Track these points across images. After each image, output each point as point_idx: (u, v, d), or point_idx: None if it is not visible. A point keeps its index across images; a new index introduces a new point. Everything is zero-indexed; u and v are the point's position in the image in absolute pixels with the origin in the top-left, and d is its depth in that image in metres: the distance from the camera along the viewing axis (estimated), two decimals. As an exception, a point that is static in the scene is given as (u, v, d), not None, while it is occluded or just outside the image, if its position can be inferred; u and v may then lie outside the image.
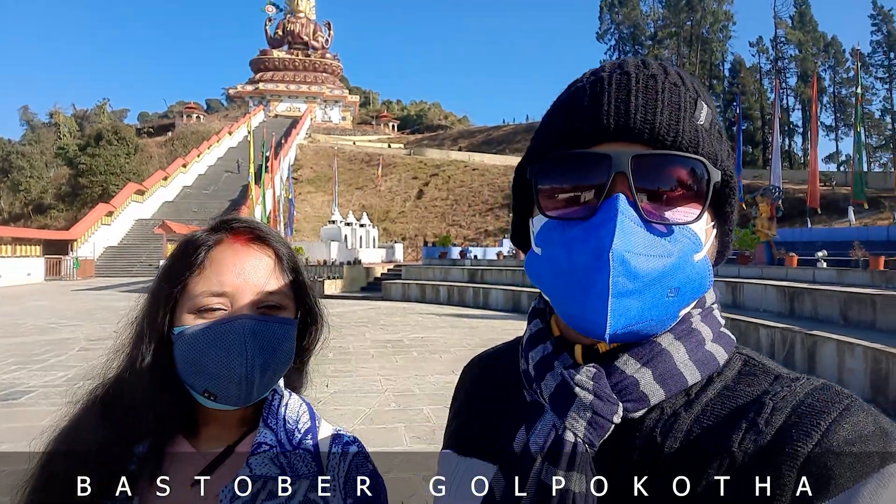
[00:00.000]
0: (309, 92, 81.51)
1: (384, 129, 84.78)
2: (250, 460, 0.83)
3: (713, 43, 60.25)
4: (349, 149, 59.85)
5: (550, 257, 0.58)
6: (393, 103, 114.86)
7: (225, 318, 0.83)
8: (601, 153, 0.56)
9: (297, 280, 0.92)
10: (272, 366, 0.85)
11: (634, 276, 0.52)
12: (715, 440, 0.52)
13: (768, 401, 0.53)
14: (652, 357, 0.56)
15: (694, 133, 0.56)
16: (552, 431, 0.55)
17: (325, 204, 45.27)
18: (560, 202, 0.58)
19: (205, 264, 0.85)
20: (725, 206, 0.61)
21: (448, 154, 56.62)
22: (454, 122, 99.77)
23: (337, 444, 0.92)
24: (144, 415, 0.83)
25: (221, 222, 0.91)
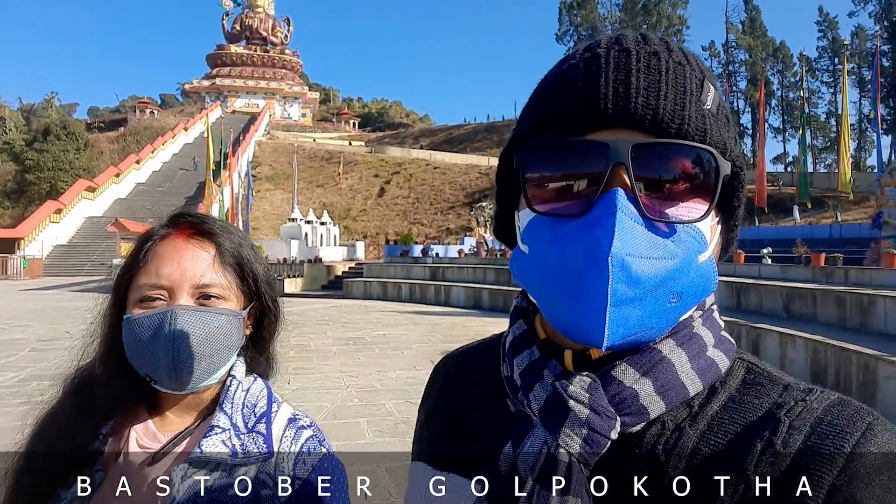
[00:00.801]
0: (268, 88, 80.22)
1: (345, 126, 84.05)
2: (202, 442, 0.88)
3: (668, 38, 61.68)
4: (309, 146, 59.23)
5: (539, 257, 0.53)
6: (354, 101, 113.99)
7: (159, 308, 0.89)
8: (598, 141, 0.50)
9: (244, 272, 0.97)
10: (207, 353, 0.90)
11: (636, 283, 0.47)
12: (727, 461, 0.48)
13: (784, 418, 0.48)
14: (652, 366, 0.51)
15: (701, 119, 0.50)
16: (543, 449, 0.50)
17: (285, 202, 44.73)
18: (550, 195, 0.52)
19: (148, 258, 0.92)
20: (733, 199, 0.56)
21: (409, 152, 56.61)
22: (415, 121, 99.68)
23: (291, 428, 0.96)
24: (103, 397, 0.91)
25: (171, 217, 0.97)
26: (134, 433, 0.91)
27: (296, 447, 0.93)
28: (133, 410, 0.93)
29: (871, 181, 21.85)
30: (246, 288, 0.98)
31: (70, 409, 0.92)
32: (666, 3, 60.47)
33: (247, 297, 0.98)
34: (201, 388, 0.94)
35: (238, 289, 0.96)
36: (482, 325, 13.06)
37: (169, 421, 0.94)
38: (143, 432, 0.92)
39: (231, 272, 0.95)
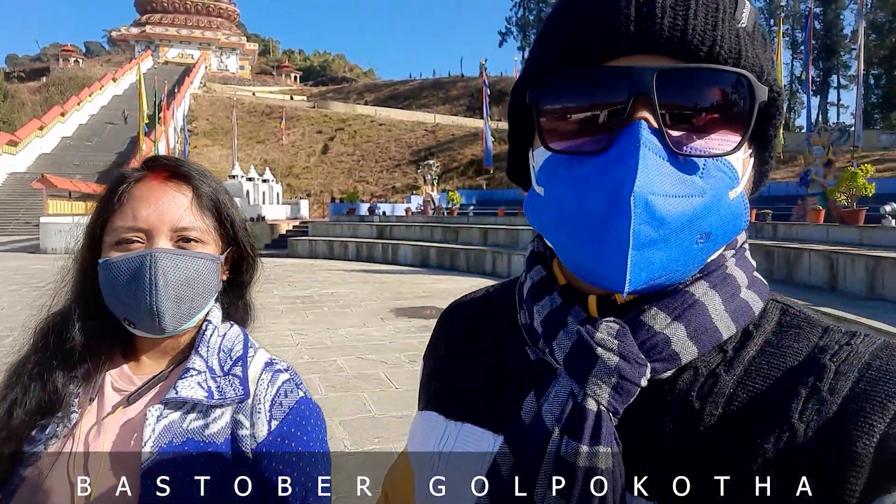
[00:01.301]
0: (202, 38, 76.54)
1: (286, 80, 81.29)
2: (177, 383, 0.88)
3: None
4: (249, 100, 57.15)
5: (556, 199, 0.49)
6: (295, 53, 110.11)
7: (138, 251, 0.89)
8: (618, 68, 0.46)
9: (222, 216, 0.96)
10: (187, 297, 0.90)
11: (660, 223, 0.43)
12: (767, 408, 0.45)
13: (829, 363, 0.45)
14: (685, 310, 0.48)
15: (735, 39, 0.45)
16: (570, 399, 0.47)
17: (224, 158, 43.20)
18: (567, 132, 0.48)
19: (123, 200, 0.91)
20: (769, 128, 0.51)
21: (354, 108, 55.38)
22: (359, 75, 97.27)
23: (268, 371, 0.96)
24: (76, 340, 0.90)
25: (146, 161, 0.96)
26: (109, 377, 0.92)
27: (272, 390, 0.94)
28: (108, 355, 0.93)
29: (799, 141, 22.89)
30: (223, 232, 0.97)
31: (42, 353, 0.91)
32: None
33: (224, 242, 0.98)
34: (179, 333, 0.94)
35: (216, 233, 0.96)
36: (431, 283, 13.17)
37: (144, 365, 0.95)
38: (118, 376, 0.92)
39: (209, 216, 0.95)
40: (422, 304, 10.17)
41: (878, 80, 42.29)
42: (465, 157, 42.06)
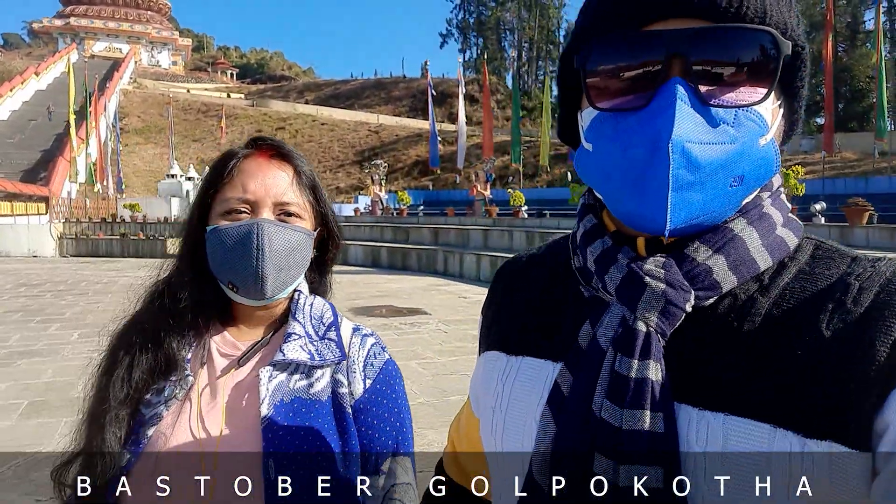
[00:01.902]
0: (132, 31, 73.50)
1: (221, 77, 79.11)
2: (283, 346, 0.95)
3: (550, 9, 63.36)
4: (183, 97, 55.27)
5: (603, 152, 0.54)
6: (231, 49, 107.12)
7: (246, 220, 0.95)
8: (654, 32, 0.51)
9: (316, 196, 1.03)
10: (285, 266, 0.97)
11: (696, 167, 0.48)
12: (798, 322, 0.49)
13: (853, 281, 0.50)
14: (725, 243, 0.53)
15: (760, 0, 0.50)
16: (622, 323, 0.53)
17: (157, 157, 41.79)
18: (611, 92, 0.54)
19: (233, 174, 0.98)
20: (795, 80, 0.55)
21: (294, 107, 54.48)
22: (299, 74, 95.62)
23: (357, 335, 1.05)
24: (190, 303, 0.97)
25: (252, 140, 1.03)
26: (213, 343, 0.98)
27: (363, 352, 1.02)
28: (210, 323, 1.00)
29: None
30: (317, 211, 1.04)
31: (154, 315, 0.97)
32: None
33: (317, 220, 1.05)
34: (274, 302, 1.01)
35: (312, 210, 1.03)
36: (385, 282, 13.20)
37: (244, 332, 1.02)
38: (222, 342, 0.99)
39: (307, 194, 1.02)
40: (378, 303, 10.23)
41: (797, 88, 44.96)
42: (409, 158, 42.15)
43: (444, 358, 6.46)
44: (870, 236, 9.05)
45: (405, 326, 8.27)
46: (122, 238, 22.52)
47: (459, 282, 13.78)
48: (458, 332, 8.04)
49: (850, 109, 41.74)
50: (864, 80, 40.74)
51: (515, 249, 14.71)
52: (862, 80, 40.99)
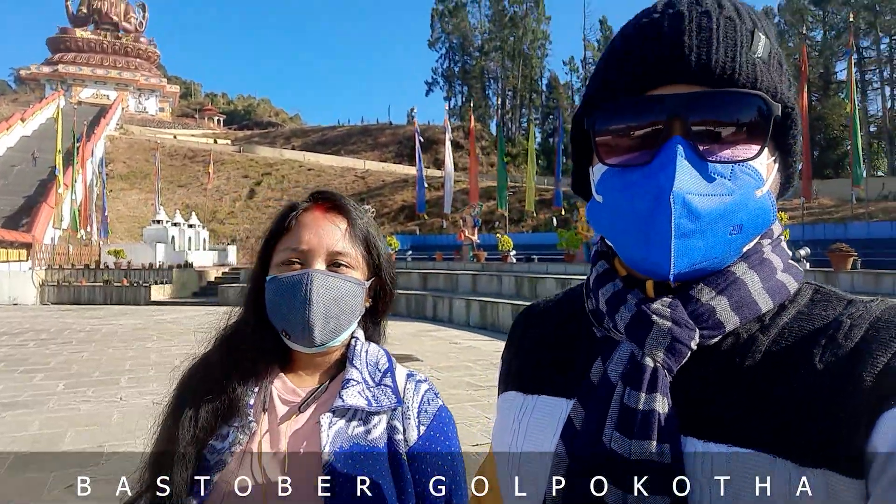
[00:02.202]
0: (120, 79, 74.04)
1: (208, 123, 79.69)
2: (342, 392, 0.98)
3: (533, 59, 65.17)
4: (170, 143, 55.36)
5: (612, 204, 0.59)
6: (218, 96, 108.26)
7: (298, 270, 1.00)
8: (656, 96, 0.56)
9: (370, 247, 1.07)
10: (334, 314, 1.00)
11: (696, 217, 0.53)
12: (795, 357, 0.53)
13: (846, 319, 0.53)
14: (727, 285, 0.57)
15: (751, 67, 0.55)
16: (631, 359, 0.56)
17: (141, 202, 41.56)
18: (618, 149, 0.59)
19: (291, 226, 1.03)
20: (787, 137, 0.60)
21: (281, 153, 54.79)
22: (286, 120, 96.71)
23: (411, 381, 1.06)
24: (247, 350, 1.01)
25: (312, 193, 1.08)
26: (274, 389, 1.01)
27: (417, 398, 1.04)
28: (270, 369, 1.03)
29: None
30: (370, 262, 1.07)
31: (222, 359, 1.01)
32: (531, 18, 63.81)
33: (370, 271, 1.08)
34: (326, 349, 1.03)
35: (364, 261, 1.06)
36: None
37: (302, 378, 1.04)
38: (283, 388, 1.02)
39: (359, 245, 1.05)
40: (369, 350, 10.14)
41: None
42: (395, 203, 42.42)
43: (439, 406, 6.41)
44: (855, 281, 9.21)
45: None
46: (105, 285, 22.24)
47: (449, 327, 13.73)
48: (451, 378, 7.97)
49: (825, 157, 42.99)
50: (837, 129, 42.14)
51: (505, 294, 14.75)
52: (836, 128, 42.40)
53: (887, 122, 40.29)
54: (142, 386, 7.82)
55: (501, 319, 13.20)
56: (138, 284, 22.39)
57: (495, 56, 64.79)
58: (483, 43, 65.58)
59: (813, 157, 24.08)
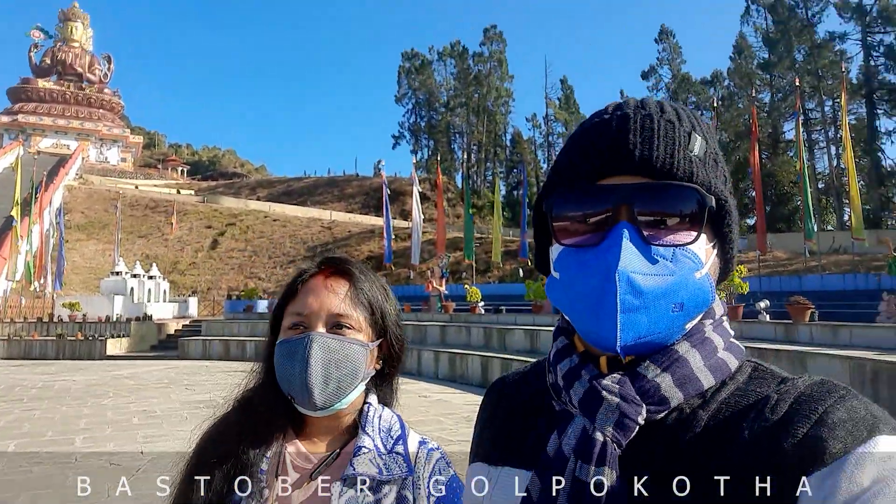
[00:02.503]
0: (81, 129, 73.13)
1: (172, 173, 78.89)
2: (353, 460, 0.99)
3: (497, 115, 66.97)
4: (131, 193, 54.56)
5: (567, 280, 0.65)
6: (182, 147, 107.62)
7: (298, 333, 1.03)
8: (606, 186, 0.62)
9: (374, 309, 1.09)
10: (335, 377, 1.01)
11: (640, 293, 0.58)
12: (729, 431, 0.58)
13: (774, 395, 0.58)
14: (671, 363, 0.62)
15: (688, 164, 0.61)
16: (583, 434, 0.61)
17: (99, 253, 40.55)
18: (573, 231, 0.65)
19: (297, 292, 1.07)
20: (723, 226, 0.66)
21: (246, 203, 54.40)
22: (251, 171, 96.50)
23: (423, 449, 1.07)
24: (265, 414, 1.03)
25: (321, 260, 1.12)
26: (288, 455, 1.02)
27: (429, 467, 1.05)
28: (284, 433, 1.04)
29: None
30: (375, 324, 1.09)
31: (237, 423, 1.03)
32: (494, 76, 65.90)
33: (376, 333, 1.09)
34: (333, 412, 1.04)
35: (367, 324, 1.07)
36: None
37: (315, 444, 1.05)
38: (296, 454, 1.03)
39: (362, 308, 1.07)
40: (337, 404, 9.92)
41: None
42: (362, 254, 42.26)
43: (411, 463, 6.27)
44: (813, 333, 9.46)
45: (367, 429, 8.01)
46: (58, 339, 21.42)
47: (418, 380, 13.55)
48: (422, 433, 7.84)
49: (777, 212, 44.77)
50: (787, 185, 44.09)
51: (474, 346, 14.69)
52: (786, 185, 44.37)
53: (834, 179, 42.42)
54: (98, 445, 7.47)
55: (471, 371, 13.10)
56: (93, 338, 21.59)
57: (460, 112, 66.42)
58: (449, 99, 67.26)
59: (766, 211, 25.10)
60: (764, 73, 48.30)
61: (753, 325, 10.59)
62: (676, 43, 56.16)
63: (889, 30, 41.87)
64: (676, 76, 54.87)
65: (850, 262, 22.42)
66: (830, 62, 42.67)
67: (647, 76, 56.67)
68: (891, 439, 0.52)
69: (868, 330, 8.78)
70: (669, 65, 55.87)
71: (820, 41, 44.87)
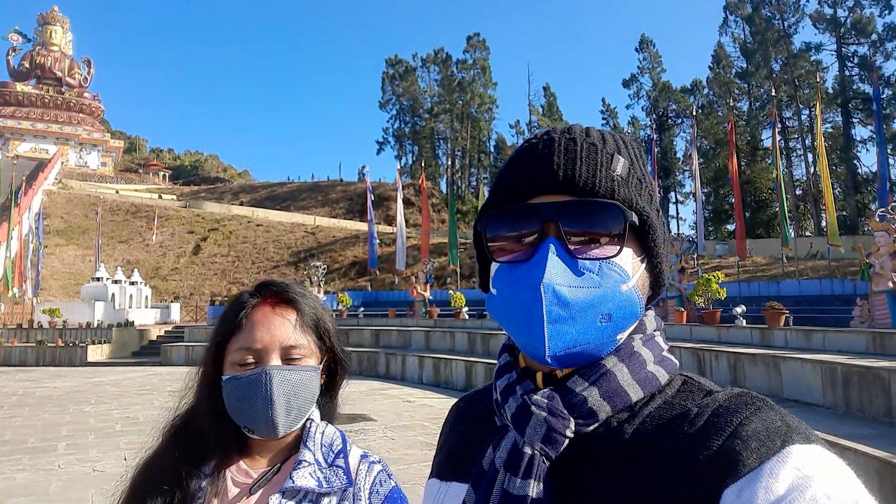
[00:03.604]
0: (61, 133, 72.25)
1: (153, 178, 78.23)
2: (293, 474, 1.01)
3: (481, 122, 67.27)
4: (111, 198, 53.90)
5: (503, 296, 0.67)
6: (164, 151, 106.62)
7: (254, 370, 1.03)
8: (532, 205, 0.65)
9: (321, 332, 1.11)
10: (296, 406, 1.04)
11: (565, 305, 0.60)
12: (652, 443, 0.59)
13: (694, 408, 0.60)
14: (598, 377, 0.64)
15: (610, 182, 0.64)
16: (513, 447, 0.63)
17: (79, 259, 40.06)
18: (505, 249, 0.68)
19: (243, 324, 1.05)
20: (648, 241, 0.68)
21: (229, 208, 54.01)
22: (234, 176, 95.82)
23: (364, 462, 1.10)
24: (209, 441, 1.04)
25: (259, 286, 1.11)
26: (229, 472, 1.04)
27: (370, 479, 1.08)
28: (227, 453, 1.06)
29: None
30: (322, 345, 1.12)
31: (170, 451, 1.04)
32: (478, 83, 66.24)
33: (322, 353, 1.12)
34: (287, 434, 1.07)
35: (315, 346, 1.10)
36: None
37: (258, 461, 1.08)
38: (237, 471, 1.05)
39: (310, 333, 1.09)
40: (322, 410, 9.95)
41: (708, 198, 48.93)
42: (346, 259, 42.24)
43: (395, 466, 6.33)
44: (788, 337, 9.68)
45: (351, 434, 8.01)
46: (38, 345, 21.13)
47: (402, 385, 13.63)
48: (405, 438, 7.92)
49: (756, 217, 45.51)
50: (766, 192, 44.83)
51: (458, 351, 14.79)
52: (764, 191, 45.10)
53: (811, 186, 43.20)
54: (81, 452, 7.47)
55: (455, 376, 13.20)
56: (74, 345, 21.36)
57: (444, 118, 66.58)
58: (432, 105, 67.38)
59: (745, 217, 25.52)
60: (742, 82, 49.04)
61: (730, 330, 10.81)
62: (657, 52, 56.84)
63: (862, 41, 42.82)
64: (657, 84, 55.51)
65: (826, 268, 22.85)
66: (806, 72, 43.45)
67: (628, 84, 57.29)
68: (804, 448, 0.53)
69: (841, 334, 9.00)
70: (650, 73, 56.51)
71: (796, 51, 45.69)
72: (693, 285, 12.40)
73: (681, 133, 54.18)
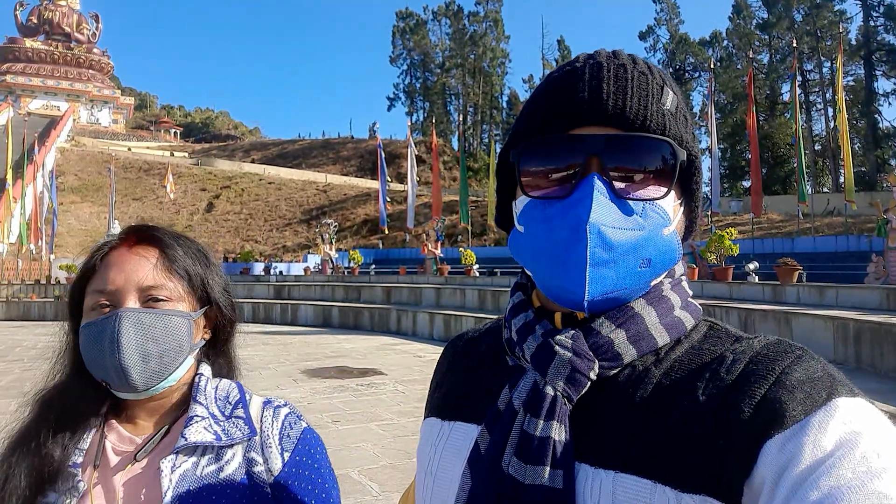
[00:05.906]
0: (71, 89, 71.96)
1: (164, 135, 78.15)
2: (184, 431, 0.91)
3: (493, 77, 66.11)
4: (124, 155, 54.03)
5: (532, 234, 0.62)
6: (175, 108, 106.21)
7: (105, 313, 0.91)
8: (577, 136, 0.60)
9: (191, 276, 0.98)
10: (156, 353, 0.91)
11: (610, 247, 0.57)
12: (681, 388, 0.57)
13: (729, 354, 0.57)
14: (626, 320, 0.60)
15: (661, 117, 0.60)
16: (534, 388, 0.60)
17: (94, 216, 40.42)
18: (541, 183, 0.62)
19: (97, 267, 0.95)
20: (691, 183, 0.65)
21: (241, 166, 53.97)
22: (245, 133, 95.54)
23: (268, 408, 1.00)
24: (76, 406, 0.92)
25: (121, 231, 1.00)
26: (108, 442, 0.93)
27: (277, 424, 0.99)
28: (102, 422, 0.95)
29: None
30: (194, 291, 0.99)
31: (37, 422, 0.92)
32: (490, 37, 64.81)
33: (199, 302, 1.00)
34: (159, 392, 0.95)
35: (185, 292, 0.98)
36: (337, 343, 13.04)
37: (141, 427, 0.96)
38: (118, 439, 0.94)
39: (177, 277, 0.97)
40: (332, 363, 10.11)
41: (724, 154, 48.05)
42: (358, 217, 42.30)
43: (405, 419, 6.45)
44: (800, 294, 9.62)
45: (362, 388, 8.19)
46: (56, 300, 21.50)
47: (413, 340, 13.76)
48: (415, 392, 8.03)
49: (773, 174, 44.73)
50: (784, 147, 43.96)
51: (468, 307, 14.88)
52: (782, 147, 44.23)
53: (830, 141, 42.28)
54: (99, 403, 7.63)
55: (465, 332, 13.28)
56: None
57: (456, 73, 65.48)
58: (444, 60, 66.22)
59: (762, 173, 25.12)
60: (762, 34, 47.63)
61: (742, 287, 10.75)
62: (675, 2, 55.16)
63: (891, -11, 41.18)
64: (674, 36, 54.05)
65: (843, 224, 22.57)
66: (829, 22, 42.08)
67: (644, 36, 55.86)
68: (850, 401, 0.51)
69: (854, 291, 8.93)
70: (667, 25, 55.00)
71: (819, 1, 44.12)
72: (706, 242, 12.29)
73: (698, 87, 52.90)
